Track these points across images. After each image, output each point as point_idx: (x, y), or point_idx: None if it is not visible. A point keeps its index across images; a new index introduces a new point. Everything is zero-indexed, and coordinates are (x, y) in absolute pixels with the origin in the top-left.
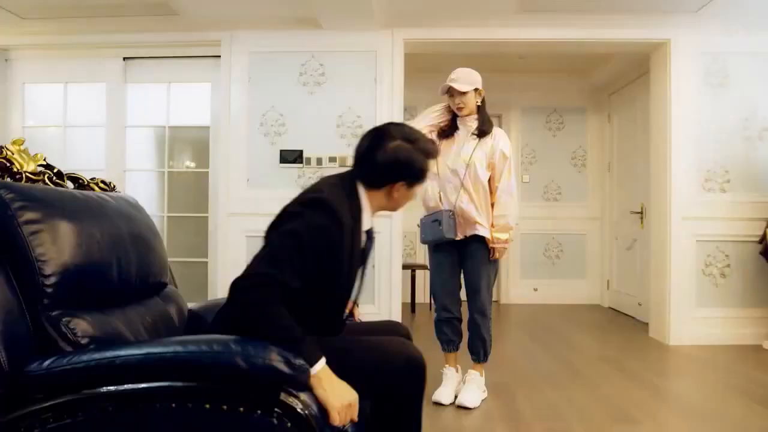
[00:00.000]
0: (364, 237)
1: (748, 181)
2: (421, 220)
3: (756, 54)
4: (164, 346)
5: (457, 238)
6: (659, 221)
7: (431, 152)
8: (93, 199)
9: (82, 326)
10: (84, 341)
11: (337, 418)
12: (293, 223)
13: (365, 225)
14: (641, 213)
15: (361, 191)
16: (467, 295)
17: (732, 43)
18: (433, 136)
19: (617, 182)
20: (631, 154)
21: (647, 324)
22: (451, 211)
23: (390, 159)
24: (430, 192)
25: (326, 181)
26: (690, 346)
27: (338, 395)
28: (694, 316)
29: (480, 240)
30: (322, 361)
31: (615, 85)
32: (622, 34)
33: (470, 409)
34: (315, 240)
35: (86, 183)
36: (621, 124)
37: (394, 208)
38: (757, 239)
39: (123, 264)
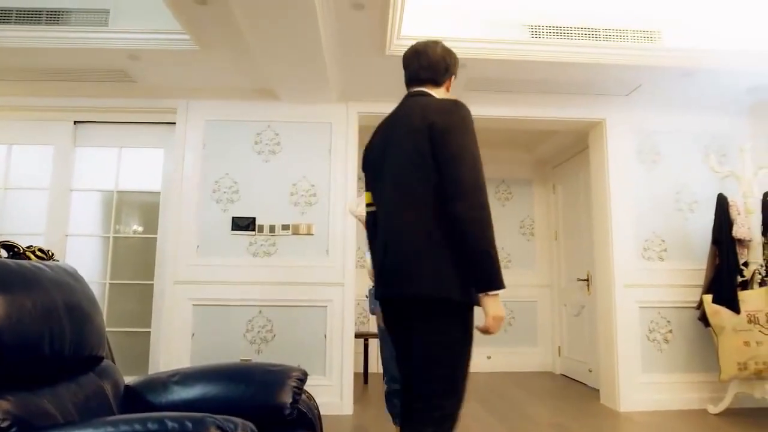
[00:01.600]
0: None
1: (683, 251)
2: (369, 290)
3: (682, 133)
4: (94, 428)
5: None
6: (604, 288)
7: None
8: (27, 269)
9: (2, 407)
10: (4, 424)
11: (494, 327)
12: (463, 137)
13: None
14: (587, 280)
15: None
16: None
17: (661, 123)
18: None
19: (564, 250)
20: (576, 224)
21: (598, 390)
22: None
23: (445, 57)
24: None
25: (427, 98)
26: (640, 412)
27: (500, 311)
28: (642, 382)
29: None
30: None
31: (558, 158)
32: (562, 112)
33: None
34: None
35: (22, 251)
36: (565, 195)
37: None
38: (695, 305)
39: (56, 337)
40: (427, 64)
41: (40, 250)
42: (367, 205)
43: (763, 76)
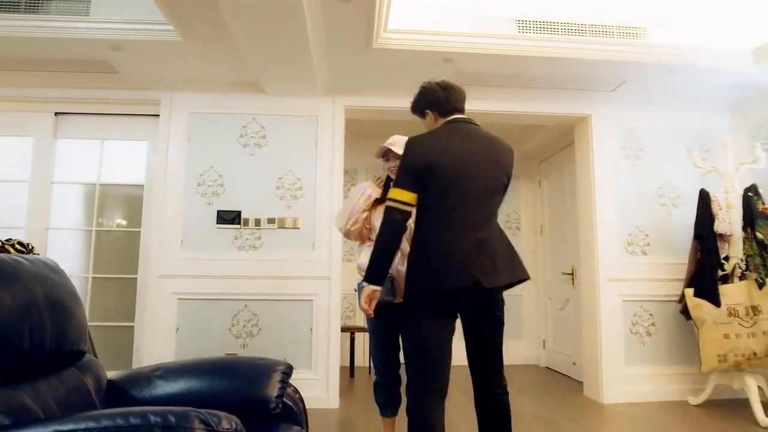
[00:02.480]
0: None
1: (666, 245)
2: (358, 285)
3: (666, 129)
4: (75, 423)
5: (396, 301)
6: (588, 282)
7: None
8: (6, 263)
9: None
10: None
11: None
12: None
13: None
14: (572, 274)
15: None
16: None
17: (645, 119)
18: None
19: (549, 244)
20: (561, 218)
21: (582, 383)
22: (389, 274)
23: (463, 90)
24: (363, 257)
25: (484, 130)
26: (623, 404)
27: None
28: (625, 374)
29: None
30: None
31: (544, 153)
32: (548, 108)
33: None
34: None
35: (0, 245)
36: (550, 189)
37: None
38: (677, 299)
39: (36, 332)
40: (460, 97)
41: (20, 243)
42: (406, 203)
43: (744, 74)
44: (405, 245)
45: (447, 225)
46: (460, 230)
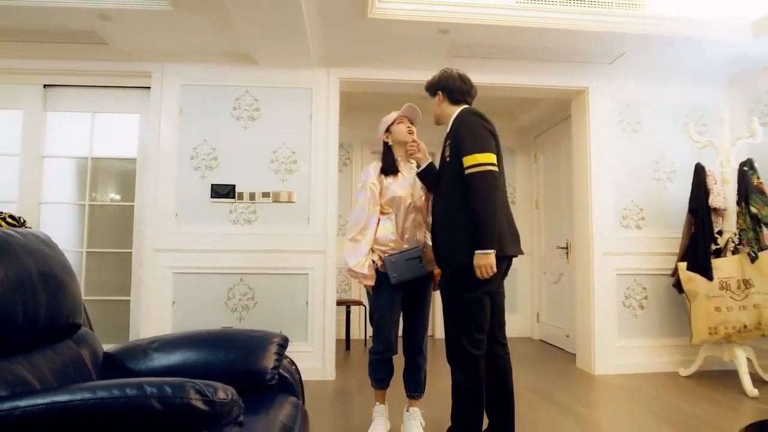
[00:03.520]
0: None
1: (660, 219)
2: (387, 258)
3: (663, 104)
4: (71, 393)
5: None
6: (582, 256)
7: None
8: None
9: None
10: None
11: None
12: None
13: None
14: (566, 248)
15: None
16: (414, 331)
17: (643, 93)
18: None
19: (544, 219)
20: (556, 192)
21: (575, 355)
22: (420, 248)
23: None
24: (382, 231)
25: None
26: (614, 375)
27: None
28: (617, 347)
29: (428, 275)
30: None
31: (540, 127)
32: (545, 80)
33: None
34: None
35: None
36: (546, 163)
37: None
38: (670, 272)
39: (29, 305)
40: (473, 93)
41: (11, 216)
42: (495, 165)
43: (742, 47)
44: (419, 217)
45: (502, 196)
46: (507, 204)
